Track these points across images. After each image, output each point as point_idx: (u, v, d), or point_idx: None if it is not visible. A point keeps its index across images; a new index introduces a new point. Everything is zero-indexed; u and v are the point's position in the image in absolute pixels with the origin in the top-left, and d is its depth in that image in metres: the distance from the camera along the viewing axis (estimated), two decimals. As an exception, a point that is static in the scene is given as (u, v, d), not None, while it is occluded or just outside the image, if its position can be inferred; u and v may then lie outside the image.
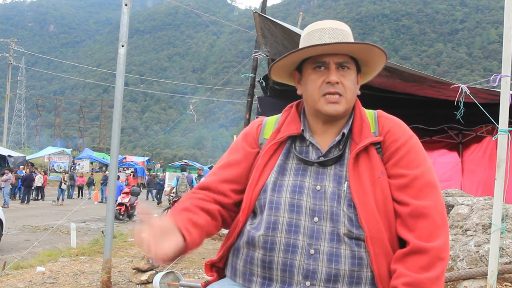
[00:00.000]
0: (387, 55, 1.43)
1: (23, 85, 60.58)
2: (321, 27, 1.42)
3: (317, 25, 1.45)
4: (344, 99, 1.39)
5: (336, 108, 1.38)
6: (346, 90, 1.39)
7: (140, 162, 40.29)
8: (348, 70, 1.40)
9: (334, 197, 1.34)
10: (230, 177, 1.49)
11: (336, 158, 1.40)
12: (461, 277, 3.46)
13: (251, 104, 6.63)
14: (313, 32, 1.43)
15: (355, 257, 1.30)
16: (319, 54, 1.39)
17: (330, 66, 1.38)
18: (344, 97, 1.39)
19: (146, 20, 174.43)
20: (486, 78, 4.13)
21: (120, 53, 4.75)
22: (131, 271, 5.49)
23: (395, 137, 1.40)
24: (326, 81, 1.38)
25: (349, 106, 1.42)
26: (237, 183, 1.49)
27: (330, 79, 1.37)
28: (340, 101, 1.38)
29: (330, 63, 1.38)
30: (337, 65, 1.39)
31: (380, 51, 1.40)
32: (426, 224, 1.29)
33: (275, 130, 1.50)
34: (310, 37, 1.43)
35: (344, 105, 1.39)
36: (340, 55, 1.39)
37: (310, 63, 1.42)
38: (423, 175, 1.35)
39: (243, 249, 1.40)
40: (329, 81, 1.37)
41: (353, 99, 1.42)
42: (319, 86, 1.39)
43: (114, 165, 4.82)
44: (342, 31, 1.41)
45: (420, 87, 5.24)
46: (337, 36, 1.39)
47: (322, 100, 1.39)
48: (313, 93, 1.40)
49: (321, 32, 1.41)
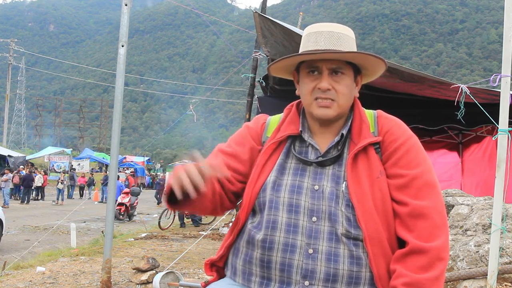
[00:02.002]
0: (385, 61, 1.42)
1: (23, 85, 60.55)
2: (318, 30, 1.41)
3: (315, 27, 1.44)
4: (336, 103, 1.38)
5: (327, 112, 1.39)
6: (339, 95, 1.38)
7: (140, 162, 40.31)
8: (342, 75, 1.39)
9: (332, 197, 1.35)
10: (234, 167, 1.49)
11: (334, 158, 1.40)
12: (461, 277, 3.46)
13: (251, 104, 6.64)
14: (310, 34, 1.42)
15: (354, 257, 1.30)
16: (312, 59, 1.39)
17: (323, 72, 1.38)
18: (337, 102, 1.38)
19: (146, 20, 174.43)
20: (486, 78, 4.14)
21: (120, 53, 4.74)
22: (131, 271, 5.49)
23: (394, 137, 1.40)
24: (317, 87, 1.38)
25: (342, 110, 1.41)
26: (238, 173, 1.49)
27: (320, 86, 1.37)
28: (332, 106, 1.38)
29: (323, 69, 1.38)
30: (330, 71, 1.38)
31: (375, 59, 1.39)
32: (426, 224, 1.29)
33: (276, 129, 1.50)
34: (307, 39, 1.43)
35: (336, 109, 1.39)
36: (334, 60, 1.38)
37: (304, 66, 1.43)
38: (422, 175, 1.35)
39: (242, 248, 1.41)
40: (319, 88, 1.37)
41: (347, 103, 1.42)
42: (311, 90, 1.39)
43: (114, 165, 4.82)
44: (339, 34, 1.40)
45: (420, 87, 5.25)
46: (333, 41, 1.38)
47: (314, 103, 1.39)
48: (306, 97, 1.41)
49: (317, 36, 1.40)
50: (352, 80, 1.43)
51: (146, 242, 9.08)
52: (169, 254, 7.52)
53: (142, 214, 16.60)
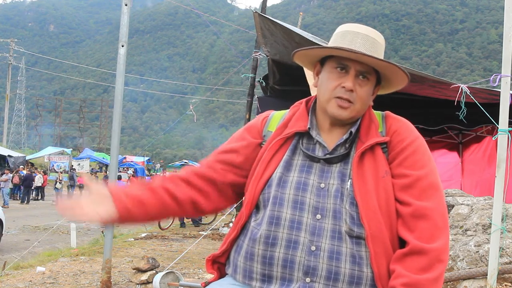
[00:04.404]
0: (409, 79, 1.42)
1: (23, 85, 60.53)
2: (355, 31, 1.42)
3: (353, 27, 1.44)
4: (353, 106, 1.39)
5: (342, 113, 1.39)
6: (358, 99, 1.39)
7: (140, 162, 40.25)
8: (367, 80, 1.40)
9: (337, 194, 1.35)
10: (225, 160, 1.51)
11: (342, 156, 1.40)
12: (461, 277, 3.46)
13: (251, 104, 6.64)
14: (347, 33, 1.43)
15: (355, 256, 1.30)
16: (344, 57, 1.39)
17: (350, 72, 1.38)
18: (354, 105, 1.39)
19: (146, 20, 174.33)
20: (486, 78, 4.14)
21: (120, 53, 4.75)
22: (131, 271, 5.49)
23: (401, 137, 1.40)
24: (342, 85, 1.38)
25: (356, 115, 1.42)
26: (232, 166, 1.51)
27: (345, 85, 1.37)
28: (349, 107, 1.38)
29: (351, 69, 1.38)
30: (357, 73, 1.39)
31: (403, 74, 1.40)
32: (427, 225, 1.30)
33: (282, 125, 1.50)
34: (343, 37, 1.42)
35: (352, 112, 1.39)
36: (364, 64, 1.38)
37: (333, 61, 1.42)
38: (427, 176, 1.35)
39: (244, 245, 1.41)
40: (344, 86, 1.37)
41: (362, 109, 1.42)
42: (334, 87, 1.39)
43: (114, 165, 4.82)
44: (374, 40, 1.41)
45: (420, 87, 5.24)
46: (368, 45, 1.39)
47: (333, 101, 1.39)
48: (326, 92, 1.41)
49: (354, 36, 1.40)
50: (372, 88, 1.44)
51: (146, 242, 9.09)
52: (169, 254, 7.53)
53: (142, 214, 16.58)
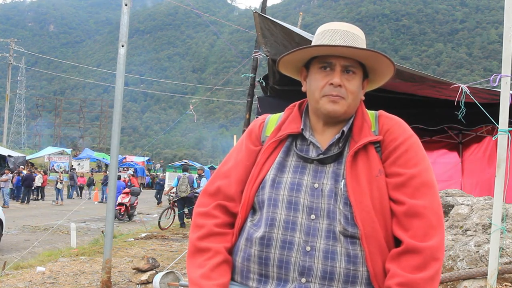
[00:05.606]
0: (395, 66, 1.43)
1: (23, 85, 60.50)
2: (334, 28, 1.43)
3: (331, 25, 1.45)
4: (345, 101, 1.39)
5: (335, 107, 1.39)
6: (348, 94, 1.40)
7: (140, 162, 40.29)
8: (353, 74, 1.41)
9: (331, 194, 1.35)
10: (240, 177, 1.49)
11: (335, 156, 1.40)
12: (461, 277, 3.46)
13: (251, 104, 6.63)
14: (326, 32, 1.44)
15: (350, 255, 1.30)
16: (326, 55, 1.40)
17: (336, 68, 1.40)
18: (345, 100, 1.39)
19: (146, 20, 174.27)
20: (486, 78, 4.14)
21: (120, 53, 4.75)
22: (131, 271, 5.49)
23: (394, 136, 1.40)
24: (330, 82, 1.39)
25: (349, 110, 1.42)
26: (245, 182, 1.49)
27: (333, 81, 1.38)
28: (340, 101, 1.39)
29: (336, 65, 1.40)
30: (342, 68, 1.40)
31: (388, 61, 1.41)
32: (421, 224, 1.29)
33: (276, 128, 1.50)
34: (322, 36, 1.44)
35: (344, 106, 1.40)
36: (347, 58, 1.39)
37: (317, 62, 1.43)
38: (420, 175, 1.35)
39: (242, 246, 1.41)
40: (332, 83, 1.38)
41: (354, 103, 1.43)
42: (322, 86, 1.40)
43: (114, 165, 4.82)
44: (354, 35, 1.42)
45: (420, 87, 5.24)
46: (348, 40, 1.40)
47: (323, 99, 1.40)
48: (315, 92, 1.42)
49: (333, 33, 1.42)
50: (361, 82, 1.45)
51: (146, 242, 9.09)
52: (169, 254, 7.53)
53: (142, 214, 16.60)
